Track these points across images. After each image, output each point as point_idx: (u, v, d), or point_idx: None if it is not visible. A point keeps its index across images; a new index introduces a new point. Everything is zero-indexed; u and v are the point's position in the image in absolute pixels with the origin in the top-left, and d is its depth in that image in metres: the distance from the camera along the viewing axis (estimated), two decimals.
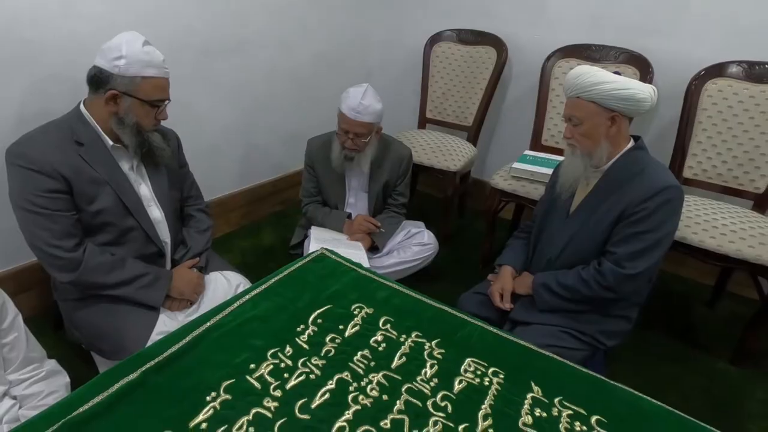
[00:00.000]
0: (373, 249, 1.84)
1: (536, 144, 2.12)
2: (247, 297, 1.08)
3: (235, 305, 1.05)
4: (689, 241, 1.50)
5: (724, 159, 1.74)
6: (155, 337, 1.21)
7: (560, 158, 1.93)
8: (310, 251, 1.62)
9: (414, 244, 1.85)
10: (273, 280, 1.17)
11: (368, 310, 1.10)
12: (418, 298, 1.19)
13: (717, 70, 1.73)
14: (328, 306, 1.10)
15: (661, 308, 1.89)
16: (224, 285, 1.44)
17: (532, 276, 1.46)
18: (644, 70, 1.86)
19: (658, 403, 0.93)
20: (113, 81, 1.16)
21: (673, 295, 2.00)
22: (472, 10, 2.30)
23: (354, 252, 1.69)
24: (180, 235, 1.44)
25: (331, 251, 1.35)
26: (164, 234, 1.36)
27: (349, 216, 1.90)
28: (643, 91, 1.22)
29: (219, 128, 2.07)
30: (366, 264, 1.63)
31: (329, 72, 2.49)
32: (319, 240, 1.73)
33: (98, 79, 1.17)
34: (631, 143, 1.32)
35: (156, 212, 1.34)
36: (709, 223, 1.53)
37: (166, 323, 1.25)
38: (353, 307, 1.11)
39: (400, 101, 2.59)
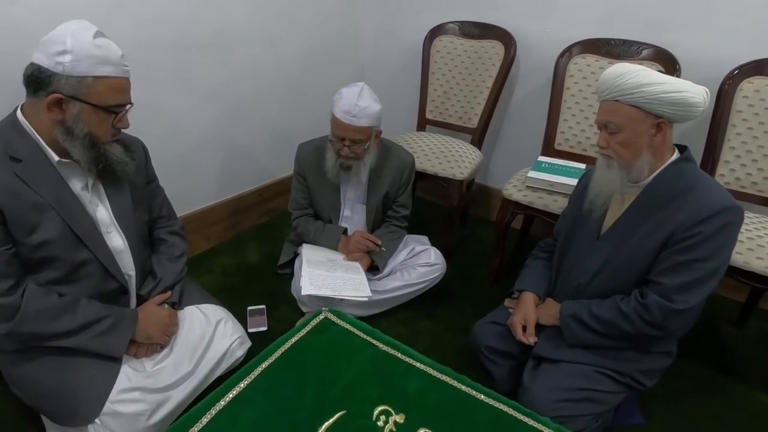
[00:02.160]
0: (372, 269, 1.64)
1: (548, 148, 1.93)
2: (223, 402, 0.78)
3: (205, 420, 0.76)
4: (733, 262, 1.33)
5: (759, 166, 1.57)
6: (116, 396, 0.99)
7: (580, 165, 1.75)
8: (302, 279, 1.42)
9: (419, 264, 1.65)
10: (260, 367, 0.86)
11: (398, 418, 0.81)
12: (465, 391, 0.88)
13: (753, 69, 1.56)
14: (341, 413, 0.80)
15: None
16: (201, 322, 1.22)
17: (558, 304, 1.28)
18: (670, 67, 1.68)
19: None
20: (56, 82, 0.93)
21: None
22: (476, 0, 2.09)
23: (352, 276, 1.49)
24: (148, 265, 1.22)
25: (336, 312, 1.09)
26: (127, 265, 1.14)
27: (345, 232, 1.69)
28: (697, 93, 1.04)
29: (196, 133, 1.84)
30: (367, 291, 1.44)
31: (319, 69, 2.27)
32: (311, 262, 1.52)
33: (37, 80, 0.94)
34: (676, 154, 1.14)
35: (117, 240, 1.11)
36: (753, 242, 1.37)
37: (130, 378, 1.04)
38: (376, 412, 0.81)
39: (396, 101, 2.38)
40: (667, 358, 1.22)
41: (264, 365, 0.88)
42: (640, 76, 1.04)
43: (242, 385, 0.83)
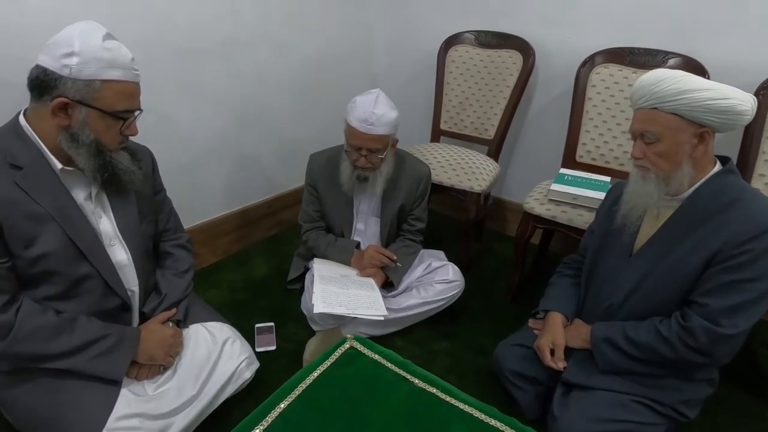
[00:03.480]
0: (387, 286, 1.56)
1: (569, 161, 1.86)
2: None
3: None
4: None
5: None
6: (113, 423, 0.92)
7: (604, 178, 1.68)
8: (314, 297, 1.34)
9: (437, 281, 1.57)
10: (278, 409, 0.73)
11: None
12: None
13: None
14: None
15: None
16: (207, 341, 1.15)
17: (588, 326, 1.20)
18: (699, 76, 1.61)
19: None
20: (62, 85, 0.88)
21: None
22: (493, 9, 2.05)
23: (366, 294, 1.41)
24: (152, 280, 1.15)
25: (363, 341, 0.99)
26: (130, 281, 1.07)
27: (358, 246, 1.62)
28: (745, 101, 0.97)
29: (203, 142, 1.78)
30: (383, 309, 1.36)
31: (330, 77, 2.23)
32: (323, 278, 1.44)
33: (42, 83, 0.89)
34: (718, 166, 1.06)
35: (120, 253, 1.05)
36: None
37: (130, 403, 0.96)
38: None
39: (410, 111, 2.32)
40: (709, 387, 1.12)
41: (282, 406, 0.75)
42: (682, 83, 0.97)
43: (257, 430, 0.72)
